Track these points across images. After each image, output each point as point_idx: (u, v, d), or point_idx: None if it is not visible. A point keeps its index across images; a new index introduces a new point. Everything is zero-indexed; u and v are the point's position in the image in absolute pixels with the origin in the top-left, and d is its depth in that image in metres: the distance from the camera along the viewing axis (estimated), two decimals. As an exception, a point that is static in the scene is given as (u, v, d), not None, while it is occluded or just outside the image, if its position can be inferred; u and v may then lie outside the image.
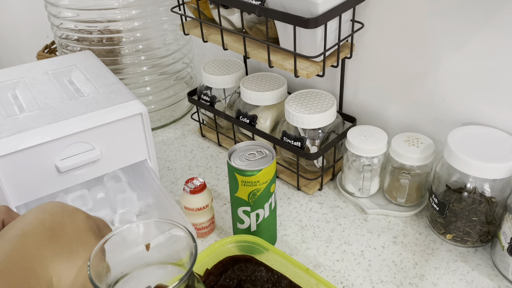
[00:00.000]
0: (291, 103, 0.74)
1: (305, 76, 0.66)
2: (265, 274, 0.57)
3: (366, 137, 0.71)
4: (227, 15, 0.74)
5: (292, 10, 0.62)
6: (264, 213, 0.62)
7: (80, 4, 0.86)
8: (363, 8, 0.72)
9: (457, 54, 0.65)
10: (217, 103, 0.86)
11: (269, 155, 0.61)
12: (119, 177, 0.70)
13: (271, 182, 0.60)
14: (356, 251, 0.66)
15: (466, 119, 0.69)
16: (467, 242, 0.65)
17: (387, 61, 0.74)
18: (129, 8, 0.87)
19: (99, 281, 0.39)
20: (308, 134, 0.73)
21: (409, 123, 0.76)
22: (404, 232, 0.69)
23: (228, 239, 0.60)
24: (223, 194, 0.78)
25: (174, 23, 0.94)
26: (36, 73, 0.72)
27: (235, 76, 0.84)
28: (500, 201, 0.62)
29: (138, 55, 0.91)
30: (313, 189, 0.77)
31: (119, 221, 0.67)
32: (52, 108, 0.63)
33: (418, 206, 0.72)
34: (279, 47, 0.68)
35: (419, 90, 0.72)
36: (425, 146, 0.68)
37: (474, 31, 0.62)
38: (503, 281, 0.61)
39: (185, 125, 0.99)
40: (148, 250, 0.45)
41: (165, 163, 0.87)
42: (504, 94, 0.63)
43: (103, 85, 0.69)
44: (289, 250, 0.67)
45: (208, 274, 0.57)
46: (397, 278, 0.62)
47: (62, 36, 0.92)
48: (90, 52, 0.81)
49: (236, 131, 0.86)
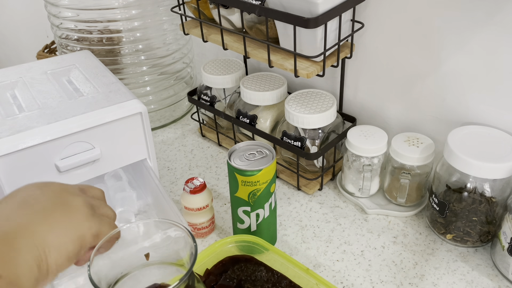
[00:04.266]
0: (291, 103, 0.73)
1: (305, 76, 0.66)
2: (265, 274, 0.57)
3: (366, 137, 0.71)
4: (227, 15, 0.74)
5: (292, 10, 0.62)
6: (264, 213, 0.62)
7: (80, 4, 0.86)
8: (363, 8, 0.71)
9: (457, 54, 0.65)
10: (217, 103, 0.86)
11: (269, 155, 0.61)
12: (119, 176, 0.70)
13: (271, 182, 0.60)
14: (356, 251, 0.66)
15: (466, 119, 0.69)
16: (467, 242, 0.65)
17: (387, 61, 0.74)
18: (129, 8, 0.87)
19: (99, 282, 0.39)
20: (308, 134, 0.73)
21: (409, 123, 0.76)
22: (404, 232, 0.69)
23: (228, 239, 0.60)
24: (223, 194, 0.78)
25: (174, 23, 0.94)
26: (35, 73, 0.72)
27: (235, 76, 0.84)
28: (500, 201, 0.62)
29: (138, 55, 0.91)
30: (313, 189, 0.77)
31: (118, 220, 0.67)
32: (51, 107, 0.63)
33: (418, 206, 0.72)
34: (279, 47, 0.68)
35: (419, 90, 0.72)
36: (425, 146, 0.68)
37: (474, 31, 0.62)
38: (503, 281, 0.61)
39: (185, 125, 0.99)
40: (147, 259, 0.45)
41: (165, 163, 0.87)
42: (504, 94, 0.63)
43: (102, 84, 0.69)
44: (289, 250, 0.67)
45: (208, 274, 0.57)
46: (397, 278, 0.62)
47: (62, 36, 0.92)
48: (89, 52, 0.81)
49: (236, 131, 0.86)
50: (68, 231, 0.40)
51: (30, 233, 0.38)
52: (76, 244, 0.40)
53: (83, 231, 0.41)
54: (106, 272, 0.42)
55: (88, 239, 0.42)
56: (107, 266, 0.42)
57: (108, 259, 0.43)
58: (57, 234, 0.39)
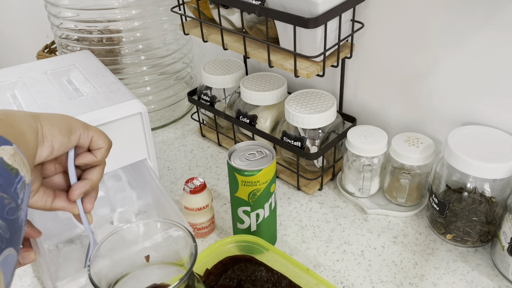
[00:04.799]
0: (291, 103, 0.73)
1: (305, 76, 0.66)
2: (265, 274, 0.57)
3: (366, 137, 0.71)
4: (227, 15, 0.74)
5: (292, 10, 0.62)
6: (264, 213, 0.62)
7: (80, 4, 0.86)
8: (363, 8, 0.71)
9: (457, 54, 0.65)
10: (217, 103, 0.86)
11: (269, 155, 0.61)
12: (119, 176, 0.70)
13: (271, 182, 0.60)
14: (356, 251, 0.66)
15: (466, 119, 0.69)
16: (467, 242, 0.65)
17: (387, 61, 0.74)
18: (129, 8, 0.87)
19: (99, 282, 0.39)
20: (308, 134, 0.73)
21: (409, 123, 0.76)
22: (404, 232, 0.69)
23: (228, 239, 0.60)
24: (223, 194, 0.78)
25: (174, 23, 0.94)
26: (34, 73, 0.72)
27: (235, 76, 0.84)
28: (500, 201, 0.62)
29: (138, 55, 0.91)
30: (313, 189, 0.77)
31: (118, 220, 0.67)
32: (51, 107, 0.63)
33: (418, 206, 0.72)
34: (279, 47, 0.68)
35: (419, 90, 0.72)
36: (425, 146, 0.68)
37: (474, 31, 0.62)
38: (503, 281, 0.61)
39: (185, 125, 0.99)
40: (148, 261, 0.45)
41: (165, 163, 0.87)
42: (504, 94, 0.63)
43: (102, 84, 0.69)
44: (289, 250, 0.67)
45: (208, 274, 0.57)
46: (397, 278, 0.62)
47: (62, 36, 0.92)
48: (89, 52, 0.81)
49: (236, 131, 0.86)
50: (59, 118, 0.46)
51: (30, 113, 0.44)
52: (66, 124, 0.46)
53: (71, 120, 0.47)
54: (106, 272, 0.42)
55: (76, 126, 0.47)
56: (107, 266, 0.42)
57: (109, 259, 0.43)
58: (52, 116, 0.45)
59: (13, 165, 0.35)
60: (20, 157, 0.37)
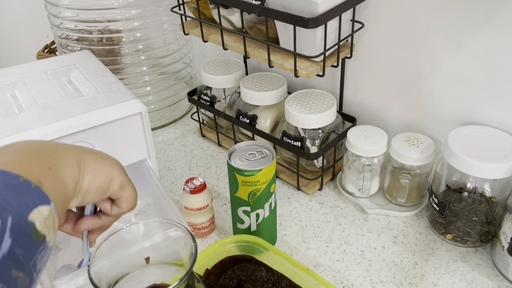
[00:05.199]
0: (291, 103, 0.73)
1: (305, 76, 0.66)
2: (265, 274, 0.57)
3: (366, 137, 0.71)
4: (227, 15, 0.74)
5: (292, 10, 0.62)
6: (264, 213, 0.62)
7: (80, 4, 0.86)
8: (363, 8, 0.71)
9: (457, 54, 0.65)
10: (217, 103, 0.86)
11: (269, 155, 0.61)
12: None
13: (271, 182, 0.60)
14: (356, 251, 0.66)
15: (466, 119, 0.69)
16: (467, 242, 0.65)
17: (387, 61, 0.74)
18: (129, 8, 0.87)
19: (99, 282, 0.39)
20: (308, 134, 0.73)
21: (409, 123, 0.76)
22: (404, 232, 0.69)
23: (228, 239, 0.60)
24: (223, 194, 0.78)
25: (174, 23, 0.94)
26: (34, 73, 0.72)
27: (235, 76, 0.84)
28: (500, 201, 0.62)
29: (138, 55, 0.91)
30: (313, 189, 0.77)
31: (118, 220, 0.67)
32: (51, 107, 0.63)
33: (418, 206, 0.72)
34: (279, 47, 0.68)
35: (419, 90, 0.72)
36: (425, 146, 0.68)
37: (474, 31, 0.62)
38: (503, 281, 0.61)
39: (185, 125, 0.99)
40: (148, 263, 0.45)
41: (165, 163, 0.87)
42: (504, 94, 0.63)
43: (102, 84, 0.69)
44: (289, 250, 0.67)
45: (208, 274, 0.57)
46: (397, 278, 0.62)
47: (62, 36, 0.92)
48: (89, 52, 0.81)
49: (236, 131, 0.86)
50: (104, 168, 0.44)
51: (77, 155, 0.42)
52: (107, 180, 0.44)
53: (115, 174, 0.45)
54: (106, 272, 0.42)
55: (115, 183, 0.45)
56: (107, 266, 0.42)
57: (108, 259, 0.43)
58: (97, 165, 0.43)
59: (42, 231, 0.33)
60: (53, 218, 0.35)
